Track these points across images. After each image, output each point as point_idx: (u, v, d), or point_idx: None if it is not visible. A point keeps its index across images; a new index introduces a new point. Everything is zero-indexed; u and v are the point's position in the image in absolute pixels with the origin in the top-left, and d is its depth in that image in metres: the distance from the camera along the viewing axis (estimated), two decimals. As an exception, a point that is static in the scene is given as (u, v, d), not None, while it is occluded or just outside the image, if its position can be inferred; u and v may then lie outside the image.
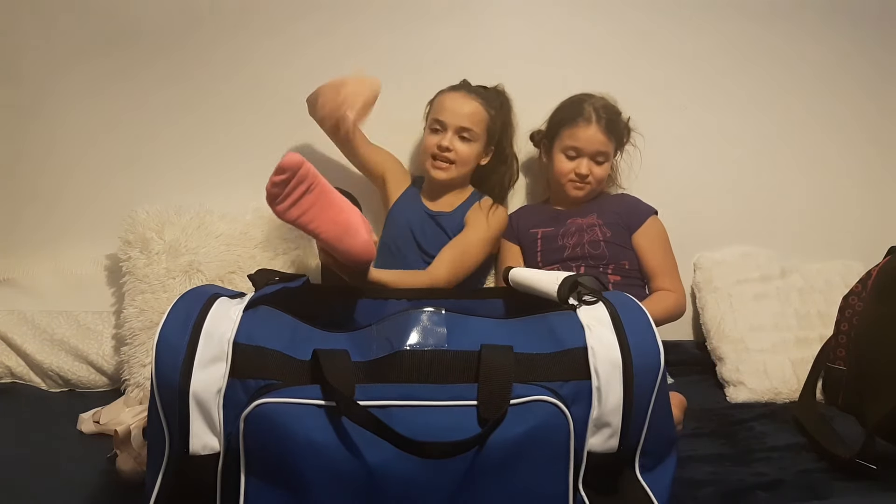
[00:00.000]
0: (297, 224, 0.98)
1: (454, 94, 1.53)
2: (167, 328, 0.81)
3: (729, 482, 1.11)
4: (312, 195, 0.96)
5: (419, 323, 0.84)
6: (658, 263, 1.52)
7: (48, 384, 1.53)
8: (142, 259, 1.49)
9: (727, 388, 1.55)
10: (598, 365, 0.83)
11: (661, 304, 1.45)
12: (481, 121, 1.51)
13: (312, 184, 0.96)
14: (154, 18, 1.65)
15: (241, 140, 1.68)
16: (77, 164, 1.68)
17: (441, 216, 1.55)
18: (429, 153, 1.52)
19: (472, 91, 1.54)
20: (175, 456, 0.80)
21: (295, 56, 1.69)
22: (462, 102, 1.51)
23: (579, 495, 0.84)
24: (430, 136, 1.52)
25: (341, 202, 1.01)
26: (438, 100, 1.55)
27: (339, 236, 0.98)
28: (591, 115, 1.52)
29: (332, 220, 0.98)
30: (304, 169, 0.94)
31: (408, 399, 0.79)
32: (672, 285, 1.50)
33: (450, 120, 1.49)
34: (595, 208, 1.57)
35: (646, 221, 1.54)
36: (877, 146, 1.89)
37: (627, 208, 1.57)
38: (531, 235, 1.58)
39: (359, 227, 1.01)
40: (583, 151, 1.52)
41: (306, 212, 0.96)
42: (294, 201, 0.95)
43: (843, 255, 1.80)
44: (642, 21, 1.76)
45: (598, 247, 1.50)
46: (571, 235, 1.53)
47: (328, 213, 0.98)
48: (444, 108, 1.51)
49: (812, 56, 1.83)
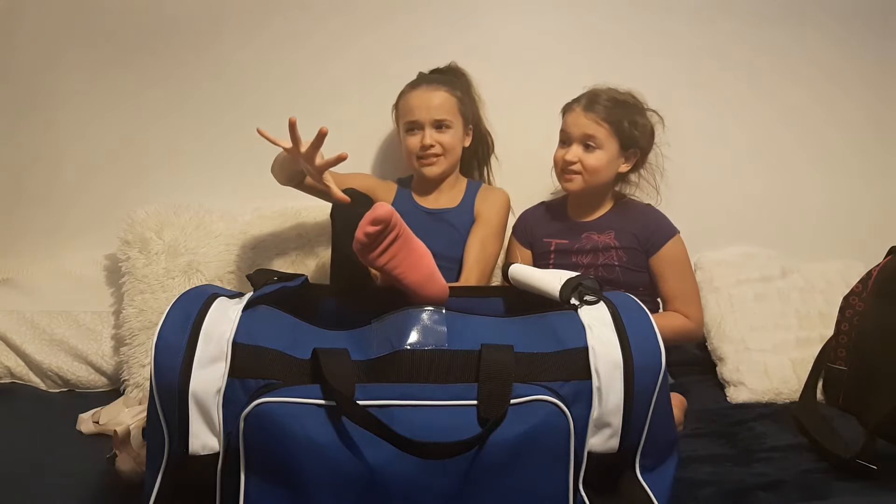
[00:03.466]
0: (384, 270, 0.99)
1: (417, 91, 1.51)
2: (166, 328, 0.81)
3: (729, 482, 1.10)
4: (399, 242, 0.98)
5: (419, 322, 0.84)
6: (673, 288, 1.44)
7: (48, 384, 1.53)
8: (141, 259, 1.49)
9: (728, 388, 1.55)
10: (599, 365, 0.83)
11: (664, 320, 1.40)
12: (452, 107, 1.50)
13: (400, 232, 0.98)
14: (156, 15, 1.65)
15: (240, 140, 1.68)
16: (76, 164, 1.68)
17: (447, 213, 1.54)
18: (413, 155, 1.51)
19: (433, 81, 1.52)
20: (174, 456, 0.80)
21: (295, 56, 1.69)
22: (428, 96, 1.49)
23: (579, 495, 0.83)
24: (410, 138, 1.50)
25: (421, 248, 1.03)
26: (403, 101, 1.52)
27: (422, 283, 1.00)
28: (582, 99, 1.48)
29: (416, 266, 1.00)
30: (395, 219, 0.96)
31: (408, 399, 0.79)
32: (688, 311, 1.42)
33: (422, 117, 1.48)
34: (613, 224, 1.49)
35: (665, 245, 1.45)
36: (878, 145, 1.89)
37: (648, 228, 1.47)
38: (545, 245, 1.53)
39: (436, 270, 1.03)
40: (570, 136, 1.46)
41: (394, 258, 0.98)
42: (384, 249, 0.97)
43: (843, 254, 1.80)
44: (642, 20, 1.76)
45: (613, 272, 1.44)
46: (586, 254, 1.47)
47: (412, 259, 0.99)
48: (413, 108, 1.49)
49: (814, 55, 1.83)
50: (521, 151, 1.69)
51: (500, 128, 1.66)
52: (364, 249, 0.96)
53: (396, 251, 0.97)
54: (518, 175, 1.70)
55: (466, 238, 1.49)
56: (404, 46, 1.70)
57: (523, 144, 1.69)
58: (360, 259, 0.98)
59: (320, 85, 1.70)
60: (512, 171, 1.70)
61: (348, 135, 1.71)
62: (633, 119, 1.46)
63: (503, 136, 1.67)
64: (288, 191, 1.42)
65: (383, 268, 0.98)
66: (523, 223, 1.61)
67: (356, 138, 1.71)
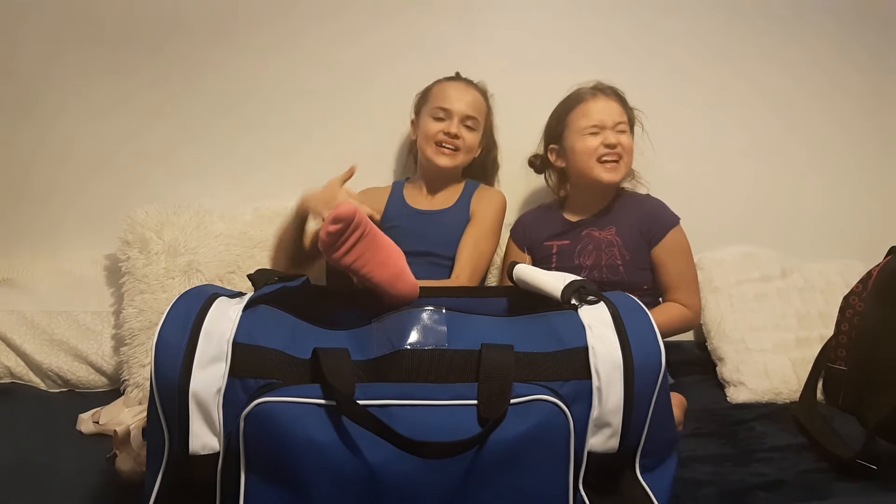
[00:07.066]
0: (351, 269, 1.00)
1: (455, 83, 1.54)
2: (166, 328, 0.81)
3: (729, 482, 1.10)
4: (365, 241, 0.99)
5: (419, 321, 0.84)
6: (674, 277, 1.45)
7: (48, 384, 1.53)
8: (141, 259, 1.49)
9: (728, 388, 1.55)
10: (599, 365, 0.83)
11: (663, 314, 1.41)
12: (482, 111, 1.55)
13: (365, 230, 0.99)
14: (154, 15, 1.65)
15: (240, 140, 1.69)
16: (76, 163, 1.68)
17: (443, 213, 1.53)
18: (433, 140, 1.51)
19: (471, 83, 1.56)
20: (175, 456, 0.80)
21: (294, 55, 1.69)
22: (465, 91, 1.52)
23: (579, 495, 0.83)
24: (434, 123, 1.51)
25: (389, 246, 1.04)
26: (439, 87, 1.54)
27: (391, 281, 1.02)
28: (596, 90, 1.49)
29: (383, 265, 1.01)
30: (358, 217, 0.97)
31: (408, 398, 0.79)
32: (686, 299, 1.44)
33: (455, 107, 1.50)
34: (613, 219, 1.49)
35: (667, 234, 1.46)
36: (878, 146, 1.89)
37: (648, 219, 1.47)
38: (546, 248, 1.52)
39: (406, 269, 1.04)
40: (604, 123, 1.45)
41: (360, 257, 1.00)
42: (349, 248, 0.99)
43: (843, 254, 1.80)
44: (642, 20, 1.77)
45: (617, 272, 1.44)
46: (589, 254, 1.47)
47: (379, 258, 1.01)
48: (448, 96, 1.51)
49: (814, 56, 1.83)
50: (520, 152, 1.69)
51: (500, 128, 1.66)
52: (328, 249, 0.98)
53: (362, 250, 0.99)
54: (518, 175, 1.70)
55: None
56: (404, 46, 1.70)
57: (523, 145, 1.69)
58: (327, 259, 1.00)
59: (320, 85, 1.70)
60: (512, 172, 1.70)
61: (348, 137, 1.72)
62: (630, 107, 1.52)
63: (503, 137, 1.67)
64: (288, 191, 1.42)
65: (350, 267, 1.00)
66: (521, 227, 1.60)
67: (356, 141, 1.72)
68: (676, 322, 1.43)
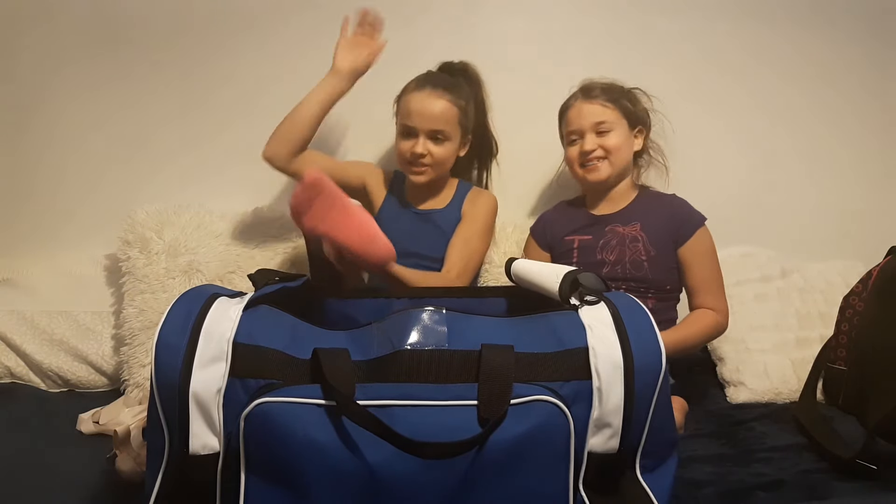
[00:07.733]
0: (325, 236, 1.03)
1: (420, 94, 1.44)
2: (166, 328, 0.81)
3: (729, 482, 1.10)
4: (330, 205, 1.02)
5: (420, 322, 0.84)
6: (701, 279, 1.42)
7: (48, 384, 1.53)
8: (141, 259, 1.49)
9: (727, 388, 1.55)
10: (599, 365, 0.83)
11: (696, 324, 1.38)
12: (452, 118, 1.44)
13: (331, 195, 1.02)
14: (154, 17, 1.65)
15: (240, 140, 1.68)
16: (77, 163, 1.68)
17: (434, 214, 1.52)
18: (404, 159, 1.47)
19: (438, 86, 1.45)
20: (175, 456, 0.80)
21: (294, 55, 1.69)
22: (429, 102, 1.43)
23: (579, 496, 0.83)
24: (403, 141, 1.46)
25: (359, 213, 1.07)
26: (404, 101, 1.47)
27: (364, 245, 1.04)
28: (578, 94, 1.49)
29: (352, 228, 1.04)
30: (322, 183, 1.00)
31: (408, 398, 0.79)
32: (714, 303, 1.41)
33: (420, 124, 1.42)
34: (639, 214, 1.46)
35: (695, 234, 1.43)
36: (878, 146, 1.89)
37: (676, 217, 1.45)
38: (567, 243, 1.50)
39: (378, 232, 1.07)
40: (581, 129, 1.46)
41: (325, 220, 1.02)
42: (317, 213, 1.02)
43: (843, 255, 1.80)
44: (642, 20, 1.76)
45: (641, 268, 1.41)
46: (612, 250, 1.44)
47: (347, 221, 1.04)
48: (412, 112, 1.43)
49: (812, 55, 1.83)
50: (520, 152, 1.69)
51: (500, 128, 1.66)
52: (297, 215, 1.02)
53: (326, 213, 1.02)
54: (517, 176, 1.70)
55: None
56: (404, 46, 1.69)
57: (523, 146, 1.69)
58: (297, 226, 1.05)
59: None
60: (511, 173, 1.70)
61: (352, 132, 1.72)
62: (629, 97, 1.50)
63: (503, 137, 1.67)
64: (288, 191, 1.42)
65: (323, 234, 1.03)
66: (542, 224, 1.58)
67: (360, 136, 1.72)
68: (711, 330, 1.40)
